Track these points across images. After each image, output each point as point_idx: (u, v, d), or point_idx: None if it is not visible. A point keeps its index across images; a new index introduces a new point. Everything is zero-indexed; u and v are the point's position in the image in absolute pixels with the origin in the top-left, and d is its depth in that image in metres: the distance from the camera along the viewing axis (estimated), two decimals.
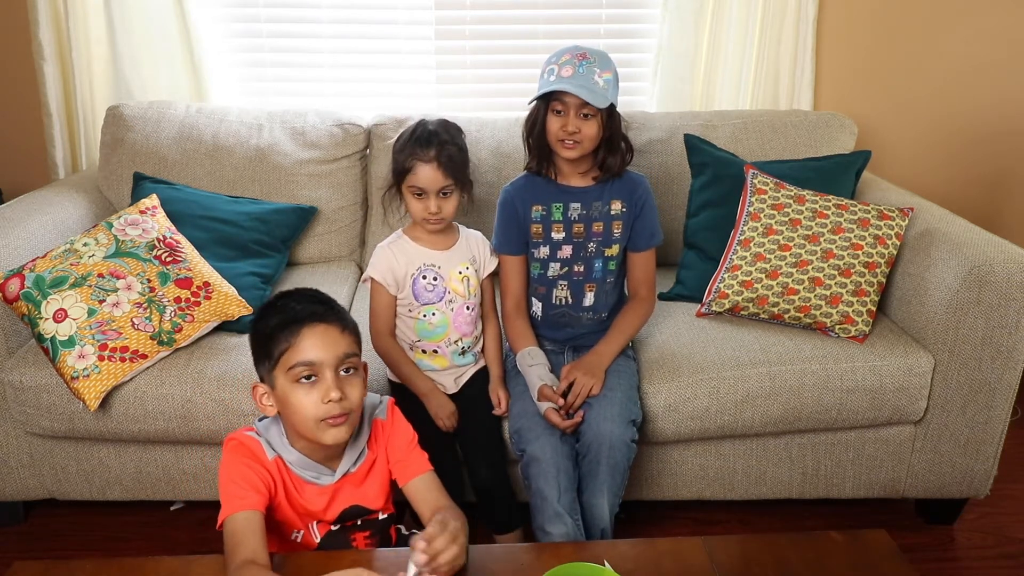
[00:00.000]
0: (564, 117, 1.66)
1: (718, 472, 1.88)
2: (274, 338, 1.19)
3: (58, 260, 1.77)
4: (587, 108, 1.64)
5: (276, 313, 1.21)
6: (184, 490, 1.88)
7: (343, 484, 1.28)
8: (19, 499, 1.91)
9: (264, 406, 1.24)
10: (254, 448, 1.24)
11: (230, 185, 2.24)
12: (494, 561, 1.12)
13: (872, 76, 2.59)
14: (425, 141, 1.65)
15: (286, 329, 1.18)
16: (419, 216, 1.68)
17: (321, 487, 1.25)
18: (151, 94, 2.48)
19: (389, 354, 1.73)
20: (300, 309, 1.20)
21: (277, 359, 1.18)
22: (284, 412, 1.22)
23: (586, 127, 1.66)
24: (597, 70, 1.64)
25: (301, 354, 1.16)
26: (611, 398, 1.67)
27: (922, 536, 1.97)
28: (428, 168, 1.63)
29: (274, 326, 1.19)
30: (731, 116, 2.35)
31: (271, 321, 1.21)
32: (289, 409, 1.19)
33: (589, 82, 1.62)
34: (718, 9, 2.45)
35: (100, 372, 1.69)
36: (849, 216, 1.92)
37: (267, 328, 1.21)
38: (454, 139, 1.68)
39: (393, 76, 2.59)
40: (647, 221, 1.81)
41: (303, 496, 1.25)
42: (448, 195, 1.66)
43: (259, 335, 1.23)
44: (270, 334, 1.20)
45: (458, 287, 1.72)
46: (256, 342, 1.24)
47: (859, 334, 1.84)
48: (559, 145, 1.69)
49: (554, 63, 1.68)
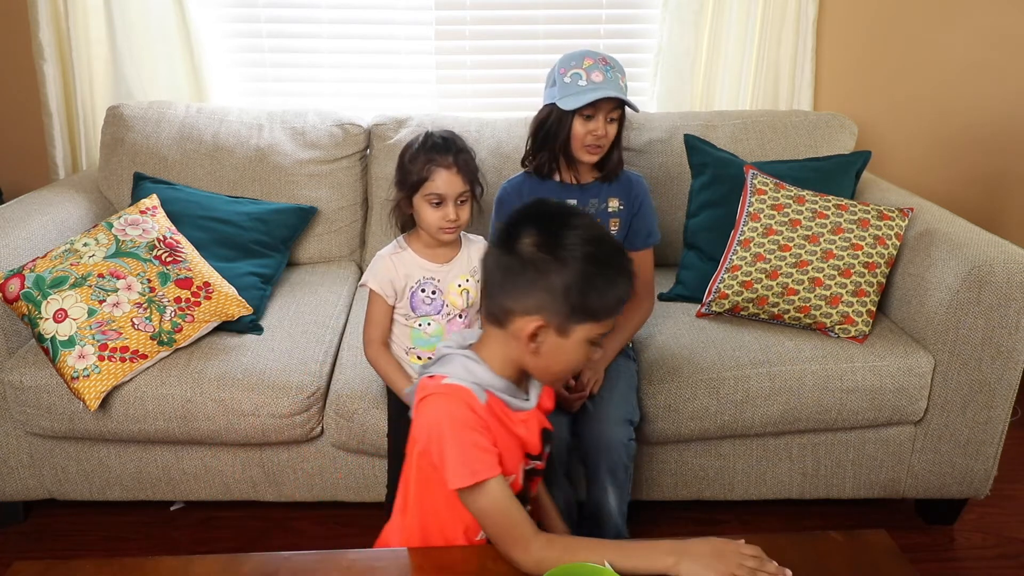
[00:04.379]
0: (594, 122, 1.68)
1: (718, 472, 1.88)
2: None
3: (58, 260, 1.77)
4: (614, 112, 1.68)
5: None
6: (184, 490, 1.88)
7: (533, 415, 1.22)
8: (19, 499, 1.91)
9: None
10: (470, 402, 1.11)
11: (230, 185, 2.24)
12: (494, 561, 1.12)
13: (872, 76, 2.59)
14: (442, 148, 1.64)
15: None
16: (435, 225, 1.64)
17: (526, 412, 1.20)
18: (151, 94, 2.48)
19: (377, 364, 1.71)
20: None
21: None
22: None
23: (611, 130, 1.71)
24: (619, 75, 1.69)
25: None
26: (607, 399, 1.67)
27: (922, 536, 1.97)
28: (448, 174, 1.62)
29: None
30: (731, 116, 2.36)
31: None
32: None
33: (619, 87, 1.67)
34: (718, 9, 2.45)
35: (100, 372, 1.69)
36: (849, 216, 1.92)
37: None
38: (465, 146, 1.68)
39: (393, 76, 2.59)
40: (645, 220, 1.82)
41: (515, 426, 1.18)
42: (465, 202, 1.65)
43: None
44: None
45: (456, 300, 1.72)
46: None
47: (859, 334, 1.84)
48: (583, 151, 1.71)
49: (577, 68, 1.67)
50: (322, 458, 1.85)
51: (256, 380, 1.76)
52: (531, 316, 1.09)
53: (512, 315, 1.11)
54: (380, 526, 1.30)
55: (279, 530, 1.97)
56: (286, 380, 1.76)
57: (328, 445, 1.83)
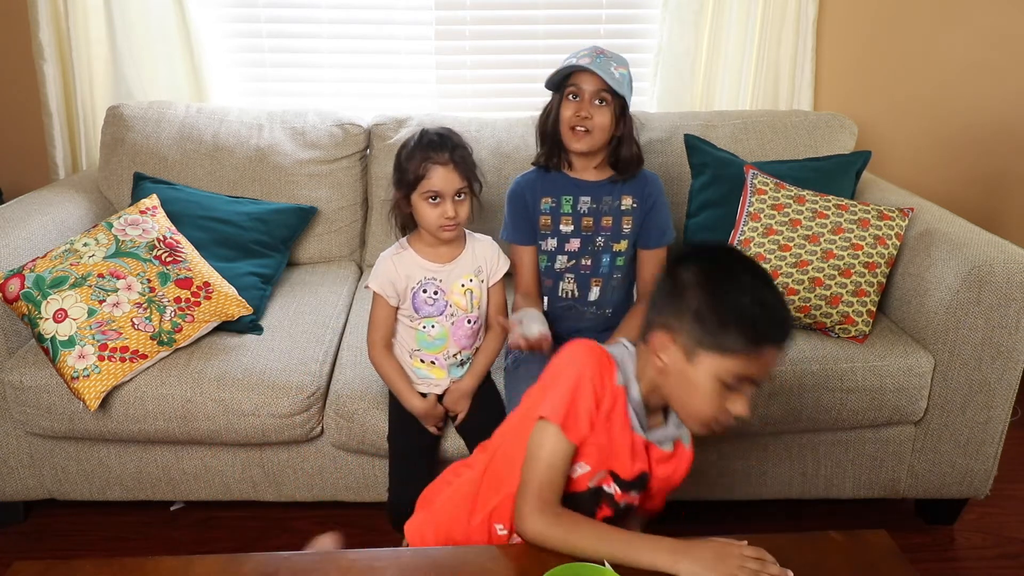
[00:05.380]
0: (579, 102, 1.68)
1: (718, 472, 1.88)
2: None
3: (58, 260, 1.77)
4: (602, 94, 1.67)
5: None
6: (184, 490, 1.88)
7: (647, 450, 1.20)
8: (19, 499, 1.91)
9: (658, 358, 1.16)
10: (609, 372, 1.17)
11: (230, 185, 2.24)
12: (494, 560, 1.12)
13: (872, 76, 2.59)
14: (438, 145, 1.63)
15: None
16: (435, 224, 1.63)
17: (635, 436, 1.18)
18: (151, 94, 2.48)
19: (381, 368, 1.71)
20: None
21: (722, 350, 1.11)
22: (684, 383, 1.15)
23: (599, 115, 1.69)
24: (614, 63, 1.69)
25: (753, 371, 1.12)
26: None
27: (922, 536, 1.97)
28: (444, 170, 1.61)
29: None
30: (731, 116, 2.36)
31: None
32: (692, 390, 1.14)
33: (606, 70, 1.67)
34: (718, 9, 2.45)
35: (100, 372, 1.69)
36: (849, 216, 1.92)
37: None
38: (461, 142, 1.68)
39: (393, 76, 2.59)
40: (658, 218, 1.82)
41: (623, 436, 1.18)
42: (463, 198, 1.65)
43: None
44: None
45: (460, 300, 1.70)
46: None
47: (859, 334, 1.84)
48: (570, 134, 1.71)
49: (572, 58, 1.71)
50: (322, 458, 1.85)
51: (256, 380, 1.76)
52: (662, 330, 1.13)
53: (652, 327, 1.16)
54: (380, 526, 1.30)
55: (279, 530, 1.97)
56: (286, 380, 1.76)
57: (328, 445, 1.83)
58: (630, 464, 1.19)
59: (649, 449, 1.21)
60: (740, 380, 1.10)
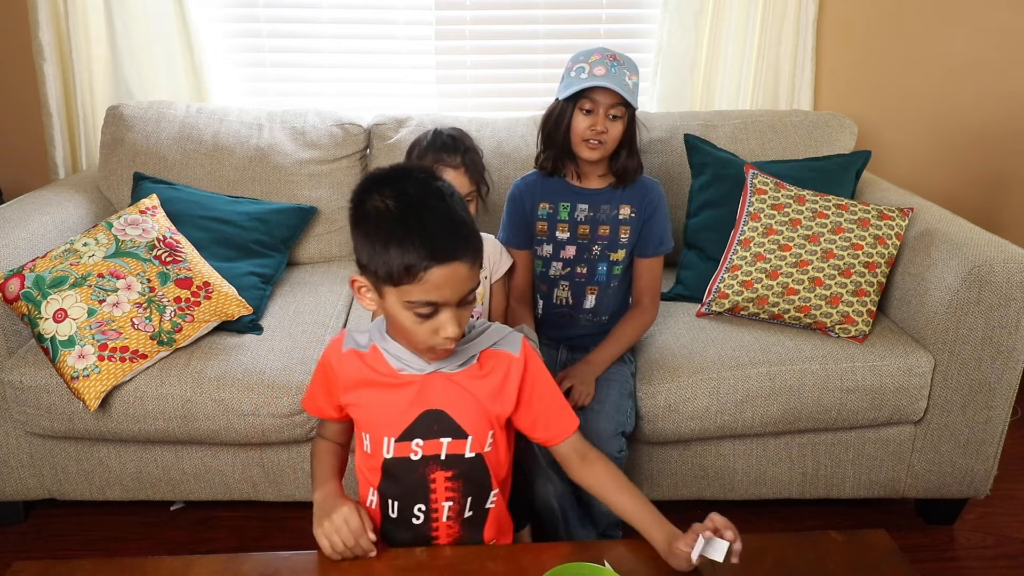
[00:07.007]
0: (594, 116, 1.66)
1: (718, 472, 1.88)
2: (392, 264, 1.02)
3: (58, 260, 1.77)
4: (616, 109, 1.66)
5: (401, 228, 1.01)
6: (184, 490, 1.88)
7: (432, 380, 1.15)
8: (19, 499, 1.91)
9: (364, 299, 1.11)
10: (334, 347, 1.22)
11: (230, 185, 2.24)
12: (494, 561, 1.12)
13: (872, 76, 2.59)
14: (451, 147, 1.62)
15: (412, 266, 1.01)
16: None
17: (410, 375, 1.14)
18: (151, 94, 2.48)
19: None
20: (434, 236, 1.01)
21: (393, 282, 1.03)
22: (388, 319, 1.12)
23: (613, 128, 1.68)
24: (627, 72, 1.66)
25: (424, 295, 1.03)
26: (598, 412, 1.65)
27: (922, 536, 1.97)
28: (455, 174, 1.60)
29: (396, 252, 1.01)
30: (731, 116, 2.36)
31: (394, 238, 1.01)
32: (396, 325, 1.10)
33: (621, 82, 1.64)
34: (718, 9, 2.45)
35: (100, 372, 1.69)
36: (849, 216, 1.92)
37: (384, 244, 1.02)
38: (473, 145, 1.67)
39: (393, 76, 2.59)
40: (657, 227, 1.80)
41: (384, 387, 1.16)
42: (470, 202, 1.64)
43: (373, 245, 1.04)
44: (387, 256, 1.02)
45: None
46: (366, 243, 1.05)
47: (859, 334, 1.84)
48: (583, 145, 1.69)
49: (583, 62, 1.67)
50: None
51: (256, 380, 1.76)
52: (357, 276, 1.12)
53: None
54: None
55: (279, 530, 1.96)
56: (286, 380, 1.76)
57: None
58: (413, 408, 1.16)
59: (433, 377, 1.15)
60: (427, 305, 1.04)
